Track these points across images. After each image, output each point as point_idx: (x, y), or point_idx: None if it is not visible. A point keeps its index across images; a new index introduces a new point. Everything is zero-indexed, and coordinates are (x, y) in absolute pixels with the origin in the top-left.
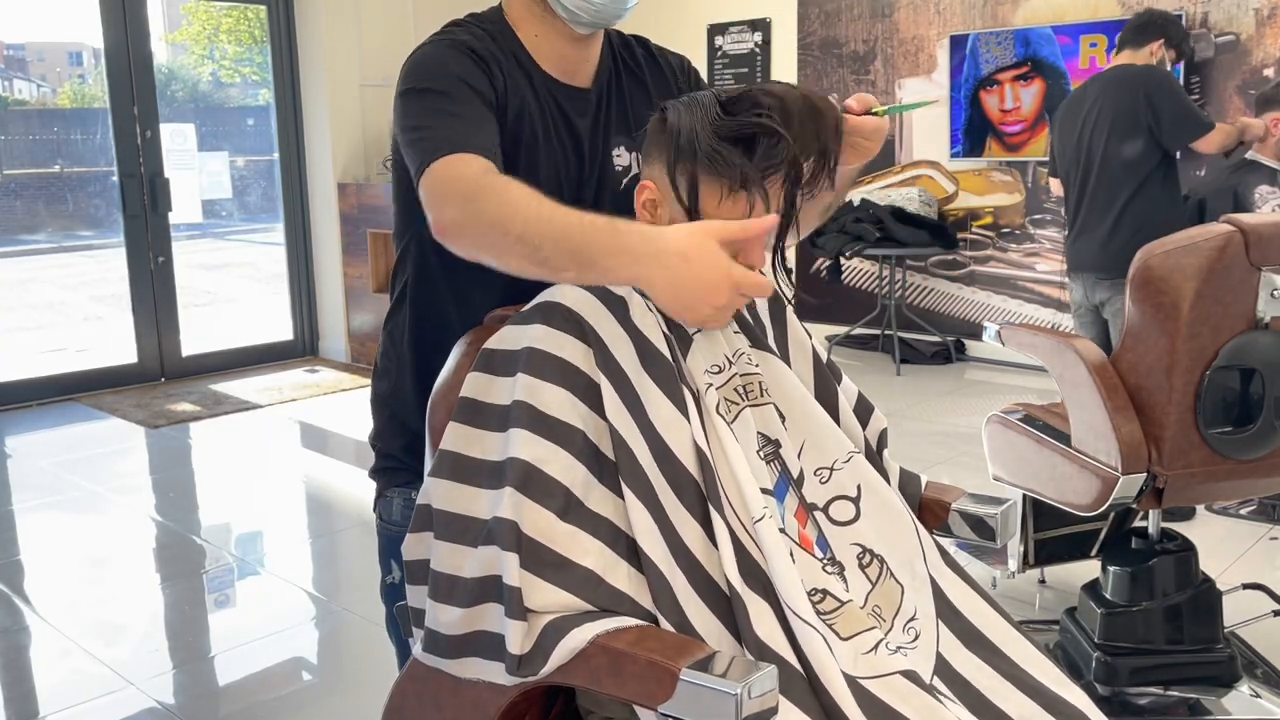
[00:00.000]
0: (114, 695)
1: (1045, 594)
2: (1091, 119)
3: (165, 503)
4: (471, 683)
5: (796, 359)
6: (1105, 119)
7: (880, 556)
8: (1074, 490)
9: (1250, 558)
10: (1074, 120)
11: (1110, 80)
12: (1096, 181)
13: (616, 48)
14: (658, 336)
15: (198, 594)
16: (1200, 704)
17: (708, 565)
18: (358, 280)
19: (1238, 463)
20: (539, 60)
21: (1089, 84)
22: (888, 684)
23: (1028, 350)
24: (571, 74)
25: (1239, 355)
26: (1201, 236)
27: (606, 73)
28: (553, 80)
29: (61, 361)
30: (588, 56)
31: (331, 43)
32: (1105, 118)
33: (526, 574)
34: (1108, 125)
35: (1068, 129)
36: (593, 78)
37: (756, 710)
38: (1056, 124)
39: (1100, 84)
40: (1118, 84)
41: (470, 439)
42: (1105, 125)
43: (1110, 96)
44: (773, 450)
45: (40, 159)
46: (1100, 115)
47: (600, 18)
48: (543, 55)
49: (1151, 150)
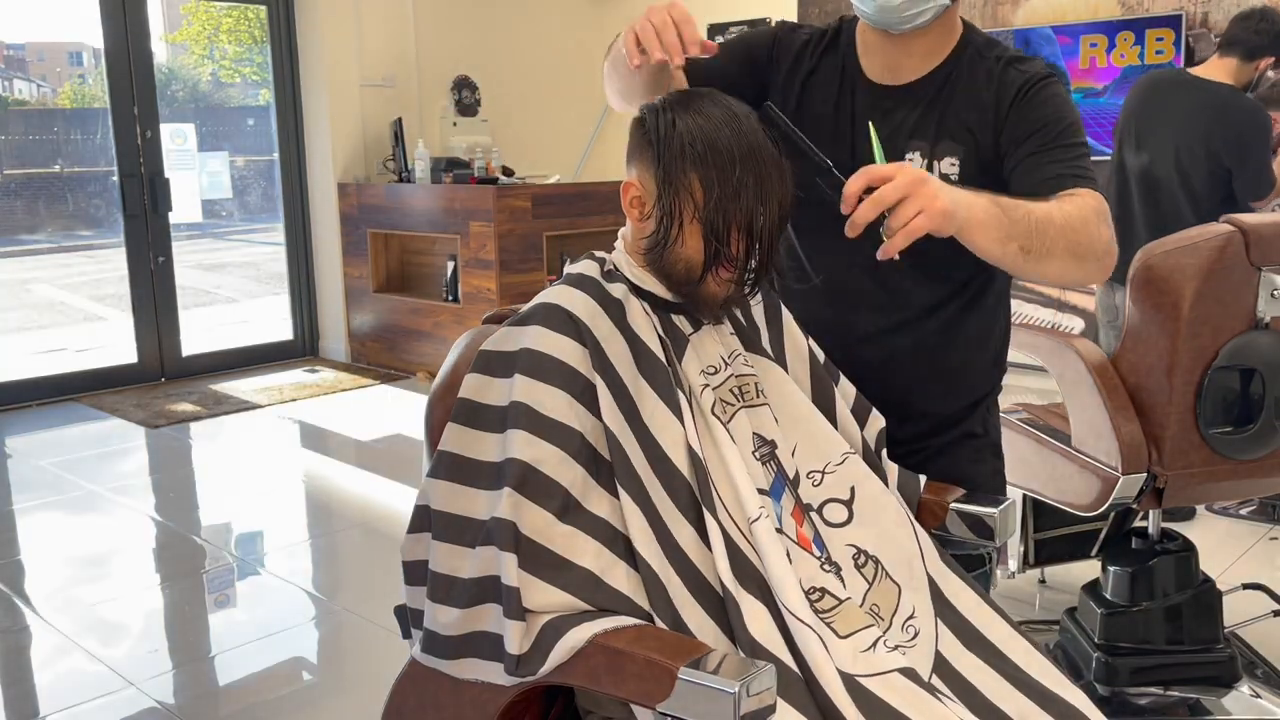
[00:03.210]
0: (114, 695)
1: (1045, 594)
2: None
3: (165, 503)
4: (471, 683)
5: (793, 361)
6: (1194, 138)
7: (875, 558)
8: (1074, 490)
9: (1250, 558)
10: (1151, 120)
11: (1212, 103)
12: (1164, 195)
13: (968, 56)
14: (653, 339)
15: (197, 594)
16: (1200, 704)
17: (702, 566)
18: (358, 280)
19: (1238, 463)
20: (861, 54)
21: (1180, 88)
22: (886, 682)
23: (1028, 350)
24: (891, 72)
25: (1239, 355)
26: (1201, 236)
27: (940, 77)
28: (859, 73)
29: (61, 361)
30: (908, 55)
31: (331, 43)
32: (1194, 137)
33: (525, 574)
34: (1195, 147)
35: (1143, 127)
36: (918, 78)
37: (754, 708)
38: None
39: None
40: (1218, 110)
41: (468, 440)
42: (1190, 145)
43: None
44: (768, 451)
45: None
46: (1188, 132)
47: (883, 21)
48: (865, 50)
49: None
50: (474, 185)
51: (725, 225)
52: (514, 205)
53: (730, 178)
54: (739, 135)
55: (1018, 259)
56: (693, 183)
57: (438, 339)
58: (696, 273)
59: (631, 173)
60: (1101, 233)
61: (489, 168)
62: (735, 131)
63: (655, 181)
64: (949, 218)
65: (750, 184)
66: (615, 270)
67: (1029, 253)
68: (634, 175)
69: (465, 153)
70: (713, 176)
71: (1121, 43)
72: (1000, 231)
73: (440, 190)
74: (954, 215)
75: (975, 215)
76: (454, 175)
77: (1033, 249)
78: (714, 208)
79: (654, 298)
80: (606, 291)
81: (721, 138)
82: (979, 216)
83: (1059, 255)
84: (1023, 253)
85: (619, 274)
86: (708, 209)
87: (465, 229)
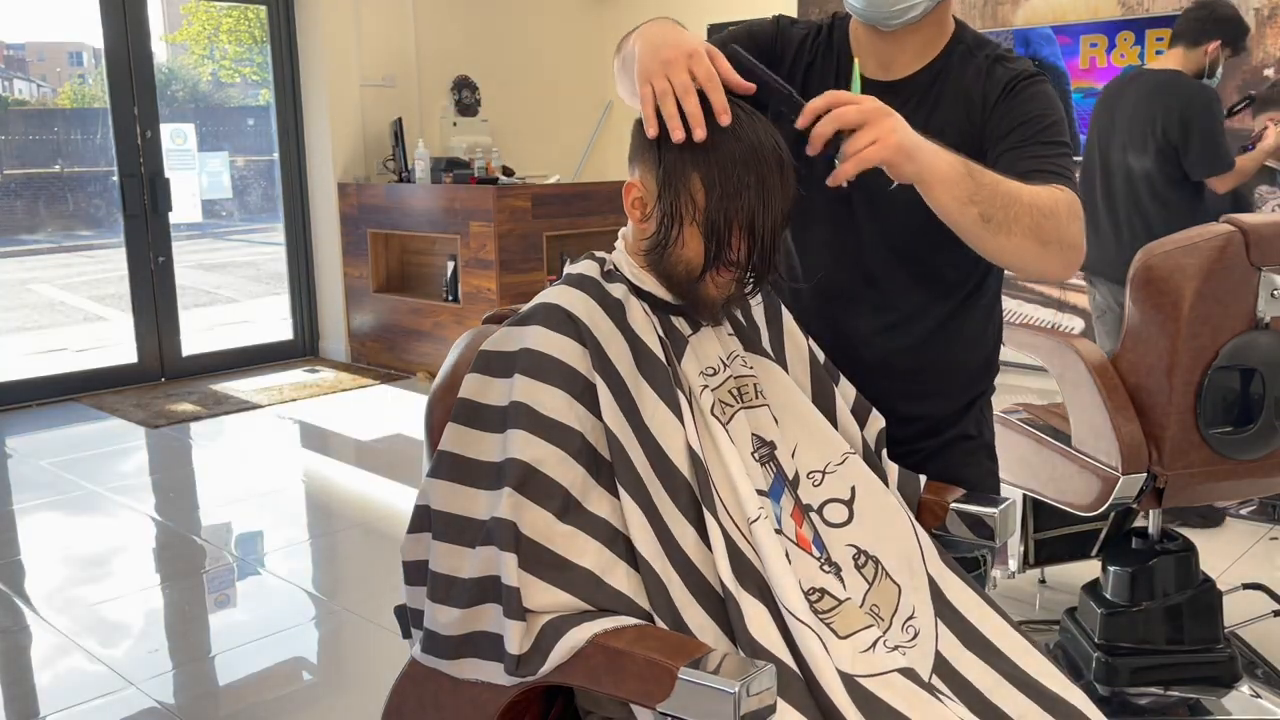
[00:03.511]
0: (114, 695)
1: (1045, 594)
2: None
3: (165, 503)
4: (471, 683)
5: (793, 361)
6: (1141, 123)
7: (875, 558)
8: (1074, 490)
9: (1250, 558)
10: (1109, 118)
11: (1157, 87)
12: (1125, 188)
13: (960, 53)
14: (653, 339)
15: (198, 594)
16: (1200, 704)
17: (702, 567)
18: (358, 280)
19: (1238, 463)
20: (855, 51)
21: (1131, 82)
22: (886, 682)
23: (1028, 350)
24: (884, 68)
25: (1239, 355)
26: (1201, 236)
27: (931, 73)
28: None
29: (61, 361)
30: (901, 51)
31: (331, 43)
32: (1140, 122)
33: (525, 574)
34: (1143, 132)
35: (1104, 125)
36: (909, 74)
37: (754, 708)
38: (1094, 116)
39: (1147, 88)
40: (1160, 93)
41: (468, 440)
42: (1139, 131)
43: (1149, 104)
44: (768, 452)
45: (40, 159)
46: (1136, 120)
47: (873, 16)
48: (859, 46)
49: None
50: (474, 185)
51: (726, 226)
52: (514, 205)
53: (731, 178)
54: (741, 135)
55: (977, 225)
56: (694, 183)
57: (438, 339)
58: (697, 274)
59: (634, 173)
60: (1071, 226)
61: (489, 168)
62: (737, 131)
63: (657, 182)
64: (904, 154)
65: (752, 184)
66: (615, 270)
67: (989, 221)
68: (636, 176)
69: (465, 153)
70: (714, 177)
71: (1121, 43)
72: (962, 190)
73: (440, 190)
74: (911, 155)
75: (938, 166)
76: (454, 175)
77: (994, 218)
78: (715, 208)
79: (654, 299)
80: (606, 292)
81: (723, 138)
82: (942, 169)
83: (1021, 233)
84: (983, 219)
85: (619, 274)
86: (709, 210)
87: (465, 229)
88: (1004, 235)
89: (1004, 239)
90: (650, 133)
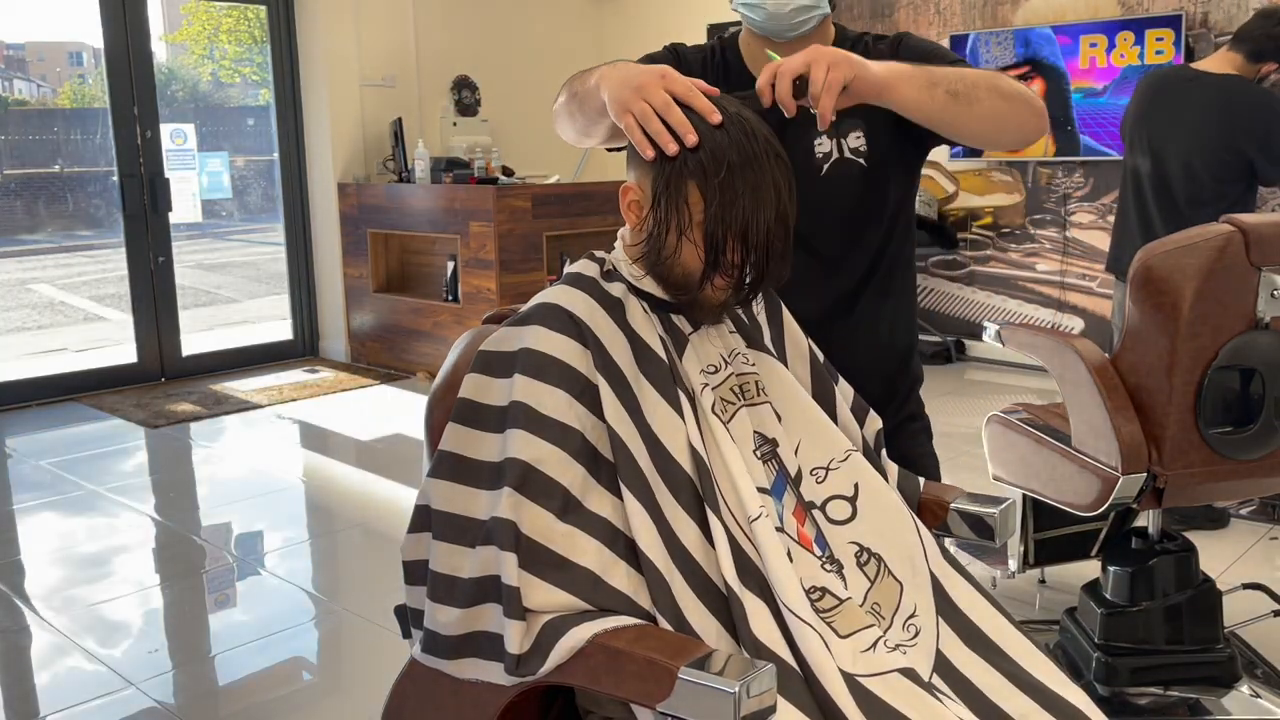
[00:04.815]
0: (113, 695)
1: (1045, 594)
2: (1190, 131)
3: (165, 503)
4: (471, 683)
5: (793, 359)
6: (1208, 135)
7: (878, 555)
8: (1074, 490)
9: (1250, 558)
10: (1160, 123)
11: (1224, 92)
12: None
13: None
14: (653, 338)
15: (197, 594)
16: (1200, 704)
17: (705, 566)
18: (358, 280)
19: (1238, 463)
20: (750, 65)
21: (1191, 83)
22: (886, 681)
23: (1028, 350)
24: None
25: (1239, 355)
26: (1201, 236)
27: None
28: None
29: (61, 361)
30: None
31: (331, 43)
32: (1208, 134)
33: (525, 574)
34: (1210, 144)
35: (1155, 130)
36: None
37: (755, 709)
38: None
39: (1212, 91)
40: (1231, 104)
41: (468, 440)
42: (1204, 144)
43: (1219, 116)
44: (770, 449)
45: (40, 159)
46: (1202, 131)
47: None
48: (752, 60)
49: (1244, 174)
50: (474, 185)
51: (723, 234)
52: (514, 205)
53: (728, 186)
54: (738, 143)
55: (948, 103)
56: (690, 192)
57: (438, 339)
58: (694, 280)
59: (631, 176)
60: (1010, 81)
61: (489, 168)
62: (734, 139)
63: (653, 188)
64: (860, 65)
65: (748, 193)
66: (614, 270)
67: (956, 95)
68: (633, 179)
69: (465, 153)
70: (711, 186)
71: (1121, 43)
72: (923, 80)
73: (440, 190)
74: (867, 65)
75: (896, 71)
76: (454, 175)
77: (959, 92)
78: (712, 217)
79: (653, 298)
80: (606, 291)
81: (720, 146)
82: (899, 71)
83: (985, 96)
84: (950, 96)
85: (618, 274)
86: (706, 218)
87: (465, 229)
88: (975, 104)
89: (976, 107)
90: (647, 156)
